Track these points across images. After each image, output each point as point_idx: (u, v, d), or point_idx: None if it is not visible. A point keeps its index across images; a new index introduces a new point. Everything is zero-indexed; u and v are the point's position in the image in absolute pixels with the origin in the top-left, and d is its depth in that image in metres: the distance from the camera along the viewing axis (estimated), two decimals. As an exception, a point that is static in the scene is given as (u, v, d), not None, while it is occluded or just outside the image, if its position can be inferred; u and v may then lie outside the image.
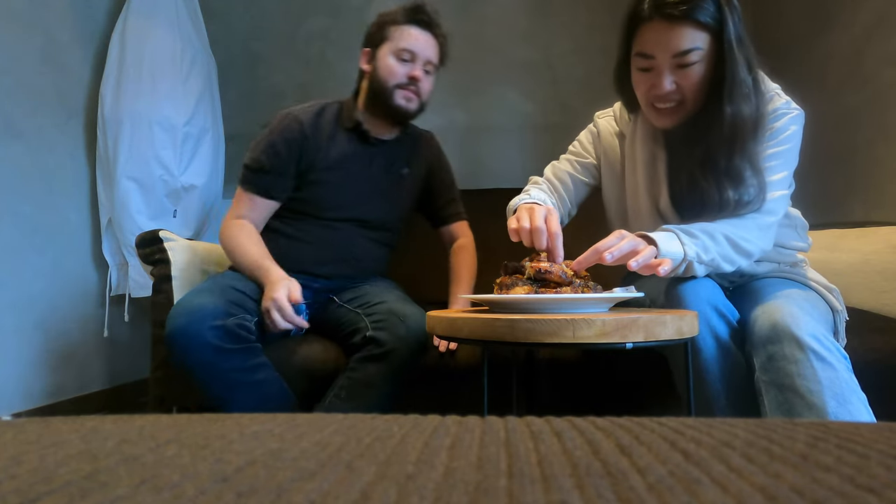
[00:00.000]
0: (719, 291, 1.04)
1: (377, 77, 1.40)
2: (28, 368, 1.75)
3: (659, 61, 1.00)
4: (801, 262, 1.21)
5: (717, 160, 1.01)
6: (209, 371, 1.12)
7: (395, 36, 1.39)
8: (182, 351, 1.11)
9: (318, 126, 1.42)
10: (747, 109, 0.97)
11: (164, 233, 1.49)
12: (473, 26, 2.47)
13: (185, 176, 2.06)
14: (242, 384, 1.15)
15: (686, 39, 0.96)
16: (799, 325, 0.94)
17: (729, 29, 0.95)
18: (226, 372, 1.13)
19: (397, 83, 1.38)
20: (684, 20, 0.95)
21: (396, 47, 1.38)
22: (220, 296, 1.19)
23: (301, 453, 0.31)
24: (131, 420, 0.41)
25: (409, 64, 1.39)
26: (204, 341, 1.10)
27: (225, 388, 1.14)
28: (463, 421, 0.39)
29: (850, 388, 0.92)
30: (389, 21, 1.41)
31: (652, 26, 0.98)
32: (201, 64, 2.18)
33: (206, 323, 1.11)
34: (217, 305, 1.15)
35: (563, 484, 0.25)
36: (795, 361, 0.92)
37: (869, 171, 1.83)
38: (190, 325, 1.11)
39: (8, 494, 0.25)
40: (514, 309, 0.93)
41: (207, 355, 1.11)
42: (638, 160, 1.16)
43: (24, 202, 1.76)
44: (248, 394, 1.16)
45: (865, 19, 1.83)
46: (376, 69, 1.40)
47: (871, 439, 0.33)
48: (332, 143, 1.42)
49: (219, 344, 1.11)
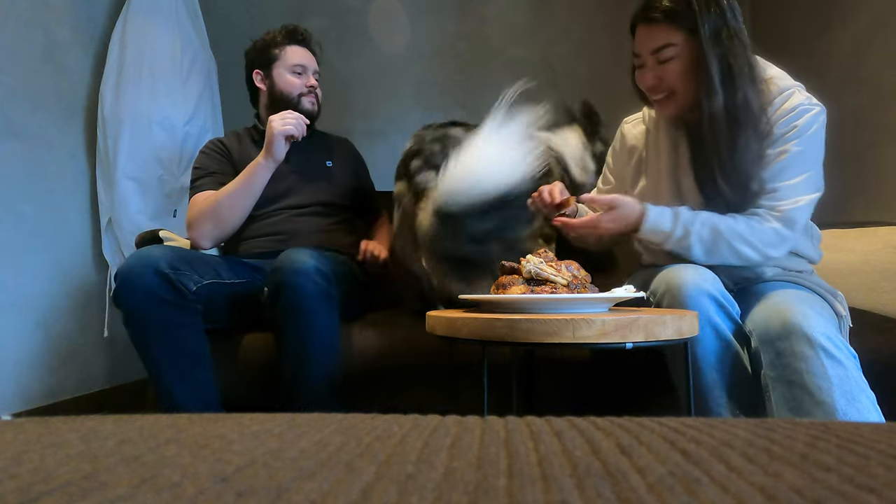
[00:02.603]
0: (720, 284, 1.05)
1: (277, 91, 1.61)
2: (28, 368, 1.75)
3: (643, 58, 1.13)
4: (806, 270, 1.21)
5: (719, 148, 1.07)
6: (140, 315, 1.15)
7: (283, 56, 1.62)
8: (123, 291, 1.15)
9: (237, 142, 1.64)
10: (718, 103, 1.05)
11: (164, 232, 1.50)
12: (473, 26, 2.47)
13: (185, 176, 2.06)
14: (167, 340, 1.17)
15: (660, 38, 1.09)
16: (810, 324, 0.94)
17: (703, 28, 1.04)
18: (157, 322, 1.16)
19: (300, 92, 1.61)
20: (659, 21, 1.09)
21: (289, 64, 1.61)
22: (174, 251, 1.24)
23: (301, 453, 0.31)
24: (131, 420, 0.41)
25: (303, 76, 1.62)
26: (143, 284, 1.14)
27: (149, 337, 1.17)
28: (463, 421, 0.39)
29: (859, 386, 0.92)
30: (272, 44, 1.63)
31: (639, 29, 1.13)
32: (201, 64, 2.18)
33: (150, 268, 1.16)
34: (166, 255, 1.19)
35: (563, 484, 0.25)
36: (805, 358, 0.93)
37: (869, 171, 1.83)
38: (135, 266, 1.16)
39: (8, 494, 0.25)
40: (513, 309, 0.93)
41: (144, 299, 1.14)
42: (661, 147, 1.22)
43: (24, 202, 1.75)
44: (167, 350, 1.17)
45: (865, 19, 1.83)
46: (275, 86, 1.61)
47: (872, 439, 0.32)
48: (248, 154, 1.56)
49: (157, 292, 1.15)
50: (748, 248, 1.06)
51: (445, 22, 2.47)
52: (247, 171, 1.46)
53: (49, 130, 1.87)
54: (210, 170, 1.54)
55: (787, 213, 1.07)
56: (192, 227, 1.45)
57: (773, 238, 1.07)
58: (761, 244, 1.06)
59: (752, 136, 1.05)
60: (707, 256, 1.08)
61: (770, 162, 1.08)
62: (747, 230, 1.06)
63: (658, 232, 1.08)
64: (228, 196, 1.44)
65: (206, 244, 1.46)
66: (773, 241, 1.07)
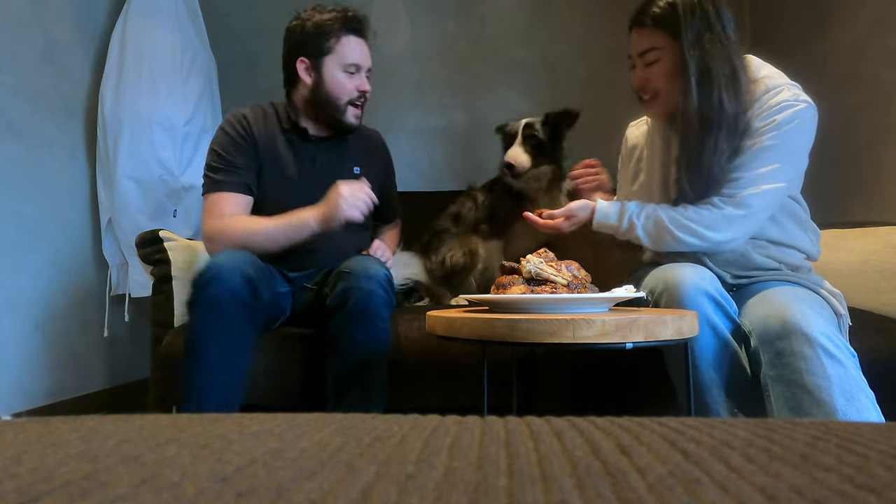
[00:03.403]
0: (718, 283, 1.06)
1: (324, 91, 1.40)
2: (28, 368, 1.75)
3: (633, 60, 1.21)
4: (804, 267, 1.21)
5: (688, 146, 1.13)
6: (217, 309, 1.13)
7: (338, 49, 1.38)
8: (210, 283, 1.12)
9: (262, 121, 1.43)
10: (692, 104, 1.10)
11: (164, 233, 1.49)
12: (473, 26, 2.47)
13: (185, 176, 2.06)
14: (227, 339, 1.15)
15: (646, 41, 1.16)
16: (809, 323, 0.95)
17: (686, 33, 1.10)
18: (227, 320, 1.14)
19: (350, 99, 1.40)
20: (644, 26, 1.15)
21: (344, 62, 1.38)
22: (254, 259, 1.22)
23: (301, 453, 0.31)
24: (131, 420, 0.41)
25: (355, 76, 1.41)
26: (229, 282, 1.13)
27: (213, 332, 1.13)
28: (463, 421, 0.39)
29: (859, 385, 0.92)
30: (326, 31, 1.38)
31: (631, 32, 1.20)
32: (201, 64, 2.18)
33: (238, 270, 1.14)
34: (253, 262, 1.19)
35: (563, 484, 0.25)
36: (805, 358, 0.93)
37: (869, 171, 1.83)
38: (226, 262, 1.14)
39: (8, 494, 0.25)
40: (514, 309, 0.93)
41: (226, 295, 1.12)
42: (656, 145, 1.28)
43: (24, 202, 1.76)
44: (223, 347, 1.15)
45: (865, 19, 1.83)
46: (323, 83, 1.39)
47: (872, 439, 0.32)
48: (275, 144, 1.43)
49: (239, 293, 1.14)
50: (689, 236, 1.11)
51: (445, 22, 2.47)
52: (294, 221, 1.30)
53: (49, 130, 1.87)
54: (234, 164, 1.37)
55: (743, 199, 1.10)
56: (214, 242, 1.33)
57: (719, 223, 1.10)
58: (705, 229, 1.10)
59: (724, 137, 1.09)
60: (654, 245, 1.17)
61: (742, 153, 1.12)
62: (691, 218, 1.11)
63: (606, 226, 1.19)
64: (265, 236, 1.32)
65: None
66: (718, 225, 1.10)
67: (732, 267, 1.17)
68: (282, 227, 1.31)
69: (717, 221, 1.10)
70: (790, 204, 1.19)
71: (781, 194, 1.13)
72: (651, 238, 1.15)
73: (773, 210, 1.15)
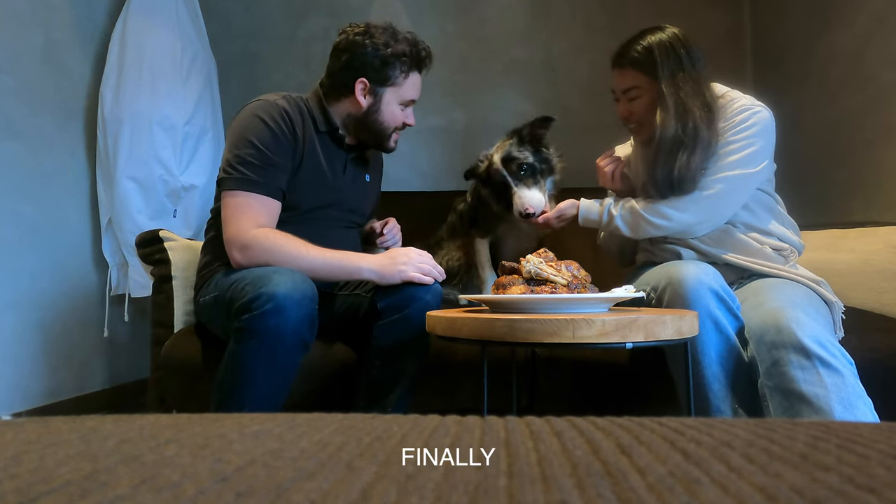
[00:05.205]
0: (721, 279, 1.08)
1: (377, 118, 1.37)
2: (28, 368, 1.75)
3: (617, 95, 1.35)
4: (785, 249, 1.25)
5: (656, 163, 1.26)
6: (277, 343, 1.07)
7: (404, 84, 1.37)
8: (278, 313, 1.05)
9: (299, 118, 1.35)
10: (670, 132, 1.23)
11: (164, 233, 1.49)
12: (473, 26, 2.47)
13: (185, 176, 2.06)
14: (277, 373, 1.12)
15: (628, 81, 1.30)
16: (804, 331, 0.95)
17: (662, 74, 1.24)
18: (284, 356, 1.10)
19: (395, 127, 1.41)
20: (624, 67, 1.30)
21: (404, 98, 1.38)
22: (314, 289, 1.15)
23: (301, 453, 0.31)
24: (131, 420, 0.41)
25: (408, 109, 1.41)
26: (296, 316, 1.07)
27: (266, 363, 1.09)
28: (463, 421, 0.39)
29: (857, 393, 0.93)
30: (398, 63, 1.34)
31: (613, 72, 1.34)
32: (201, 64, 2.18)
33: (307, 308, 1.09)
34: (315, 295, 1.13)
35: (563, 484, 0.25)
36: (801, 367, 0.94)
37: (869, 171, 1.83)
38: (296, 294, 1.07)
39: (8, 494, 0.25)
40: (514, 309, 0.93)
41: (288, 329, 1.07)
42: (639, 157, 1.39)
43: (24, 202, 1.76)
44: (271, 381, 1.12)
45: (865, 19, 1.83)
46: (378, 111, 1.37)
47: (872, 439, 0.32)
48: (315, 146, 1.37)
49: (302, 331, 1.09)
50: (659, 218, 1.24)
51: (445, 22, 2.47)
52: (347, 263, 1.24)
53: (49, 130, 1.87)
54: (274, 163, 1.27)
55: (707, 183, 1.23)
56: (247, 251, 1.21)
57: (686, 204, 1.23)
58: (673, 210, 1.23)
59: (698, 153, 1.22)
60: (633, 233, 1.29)
61: (713, 154, 1.26)
62: (661, 204, 1.24)
63: (590, 221, 1.34)
64: (310, 265, 1.21)
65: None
66: (686, 206, 1.23)
67: (717, 245, 1.25)
68: (332, 264, 1.24)
69: (684, 203, 1.23)
70: (762, 196, 1.29)
71: (747, 181, 1.23)
72: (629, 225, 1.28)
73: (742, 198, 1.24)
